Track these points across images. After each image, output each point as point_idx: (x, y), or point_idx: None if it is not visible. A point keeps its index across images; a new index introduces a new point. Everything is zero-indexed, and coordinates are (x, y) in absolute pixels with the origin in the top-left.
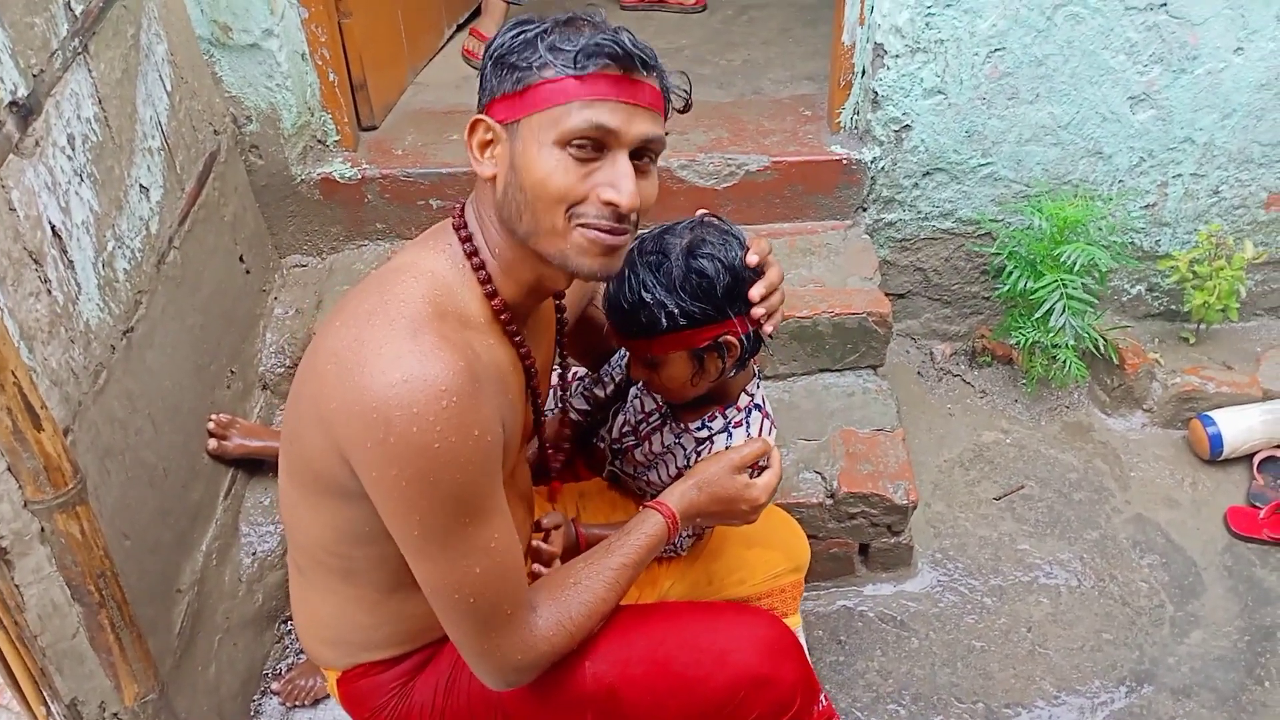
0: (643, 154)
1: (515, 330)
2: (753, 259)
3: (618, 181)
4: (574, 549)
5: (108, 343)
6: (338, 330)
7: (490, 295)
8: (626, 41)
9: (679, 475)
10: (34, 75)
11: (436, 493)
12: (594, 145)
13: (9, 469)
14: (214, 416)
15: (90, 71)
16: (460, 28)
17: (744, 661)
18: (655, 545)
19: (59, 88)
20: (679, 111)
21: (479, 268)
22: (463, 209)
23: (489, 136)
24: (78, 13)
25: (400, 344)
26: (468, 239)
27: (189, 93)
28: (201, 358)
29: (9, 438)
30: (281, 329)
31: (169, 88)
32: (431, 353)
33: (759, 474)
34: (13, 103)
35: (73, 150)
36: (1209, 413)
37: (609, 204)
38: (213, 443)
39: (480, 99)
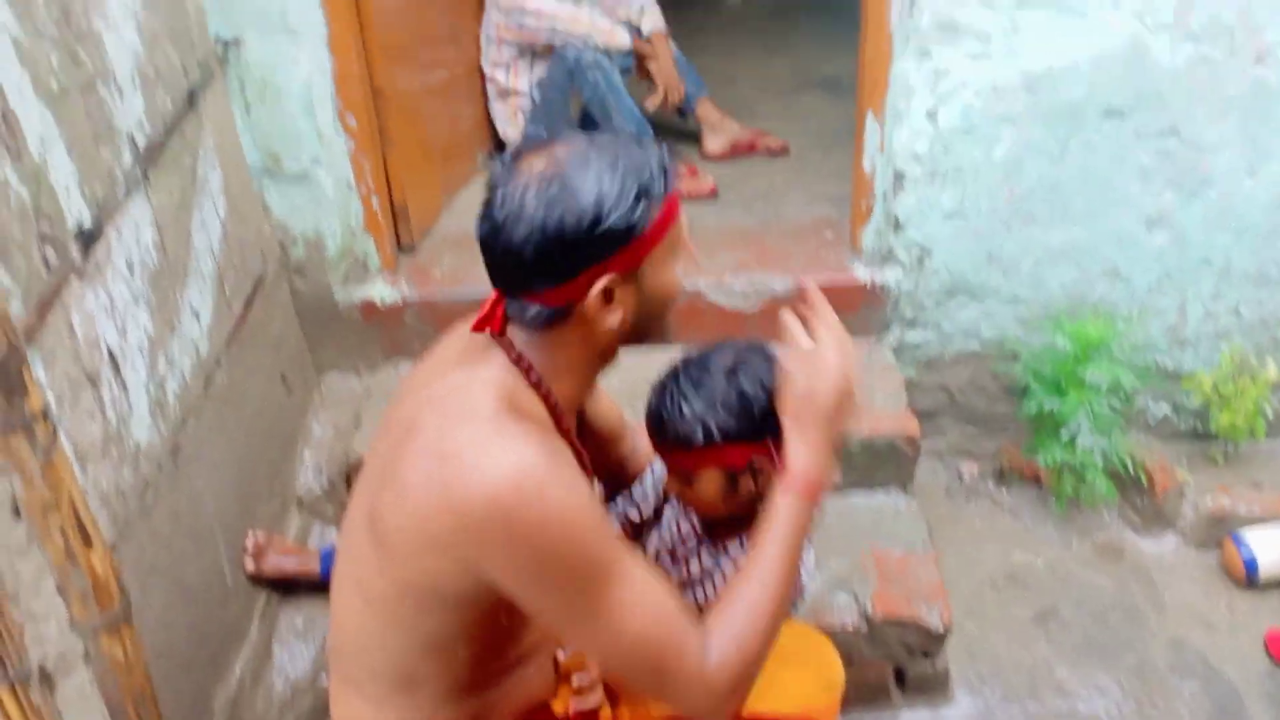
0: None
1: (568, 430)
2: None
3: (694, 250)
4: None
5: (155, 462)
6: (418, 456)
7: (546, 397)
8: (663, 150)
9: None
10: (98, 204)
11: (567, 563)
12: None
13: (58, 589)
14: (252, 536)
15: (150, 200)
16: (491, 156)
17: None
18: (802, 523)
19: (120, 215)
20: None
21: (528, 370)
22: (495, 331)
23: (614, 290)
24: (140, 145)
25: (488, 440)
26: (519, 359)
27: (240, 219)
28: (242, 477)
29: (62, 558)
30: (320, 449)
31: (222, 215)
32: (520, 438)
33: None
34: (78, 230)
35: (131, 275)
36: (1242, 534)
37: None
38: (249, 562)
39: (565, 273)
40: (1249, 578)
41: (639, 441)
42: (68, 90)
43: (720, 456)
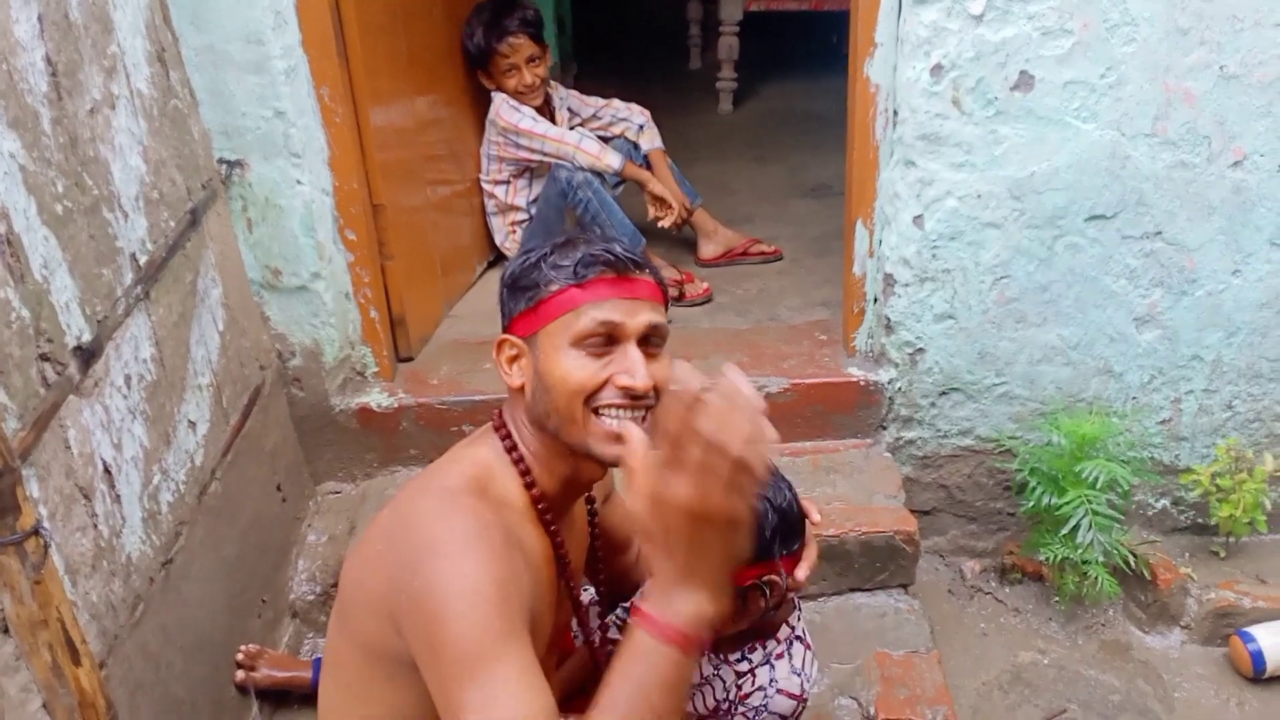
0: (649, 340)
1: (550, 520)
2: (816, 517)
3: (631, 368)
4: None
5: (146, 575)
6: (387, 515)
7: (529, 485)
8: (617, 249)
9: (718, 708)
10: (98, 321)
11: (445, 635)
12: (605, 340)
13: (44, 706)
14: (243, 647)
15: (149, 316)
16: (490, 265)
17: None
18: (662, 665)
19: (120, 332)
20: (672, 301)
21: (518, 460)
22: (501, 413)
23: (514, 352)
24: (142, 263)
25: (438, 506)
26: (507, 436)
27: (239, 332)
28: (235, 587)
29: (48, 675)
30: (314, 556)
31: (221, 328)
32: (463, 511)
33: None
34: (76, 347)
35: (128, 390)
36: (1249, 629)
37: (624, 388)
38: (240, 674)
39: (503, 321)
40: (1256, 671)
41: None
42: (72, 214)
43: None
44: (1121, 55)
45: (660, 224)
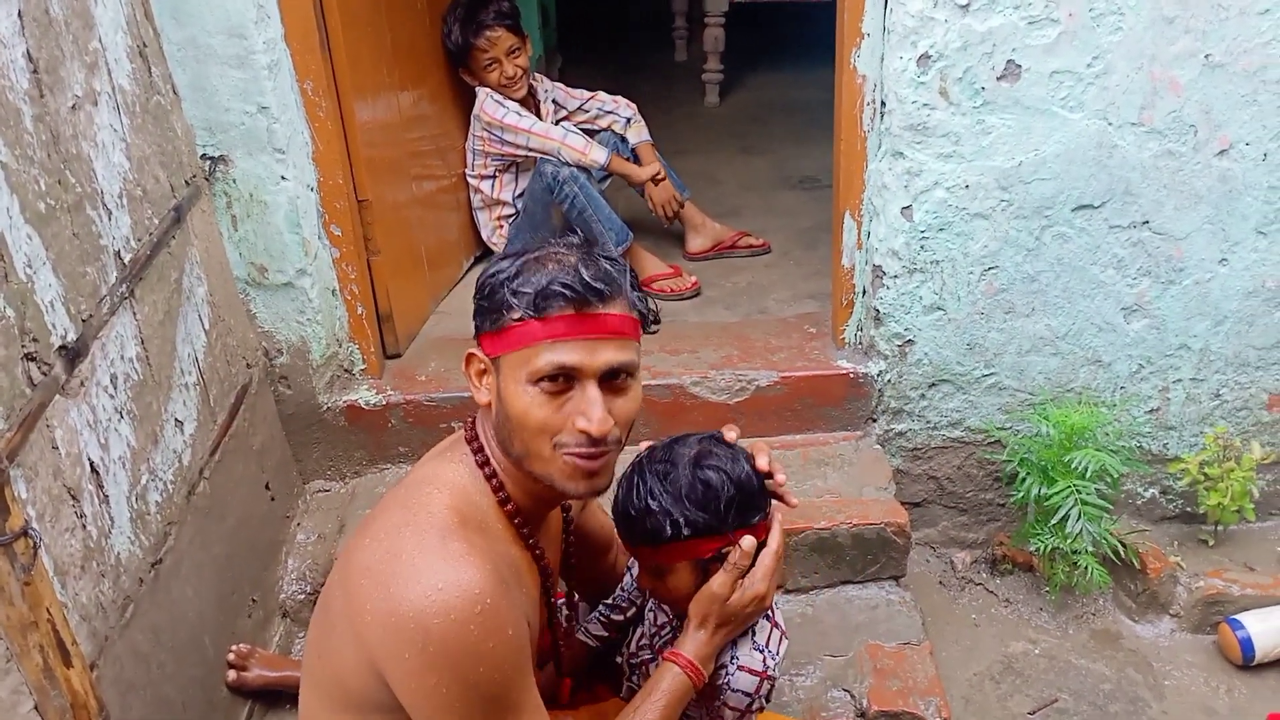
0: (616, 375)
1: (528, 534)
2: (762, 462)
3: (588, 410)
4: None
5: (136, 576)
6: (368, 546)
7: (503, 502)
8: (583, 279)
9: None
10: (83, 320)
11: (476, 694)
12: (564, 378)
13: (36, 708)
14: (234, 647)
15: (135, 314)
16: (478, 260)
17: None
18: (680, 697)
19: (105, 330)
20: (647, 332)
21: (491, 476)
22: (474, 422)
23: (482, 366)
24: (126, 261)
25: (431, 553)
26: (479, 450)
27: (225, 330)
28: (225, 587)
29: (39, 676)
30: (303, 555)
31: (207, 326)
32: (462, 559)
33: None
34: (62, 347)
35: (114, 389)
36: (1238, 616)
37: (581, 432)
38: (232, 674)
39: (475, 330)
40: (1245, 658)
41: (623, 551)
42: (55, 212)
43: (689, 550)
44: (1107, 44)
45: (656, 216)
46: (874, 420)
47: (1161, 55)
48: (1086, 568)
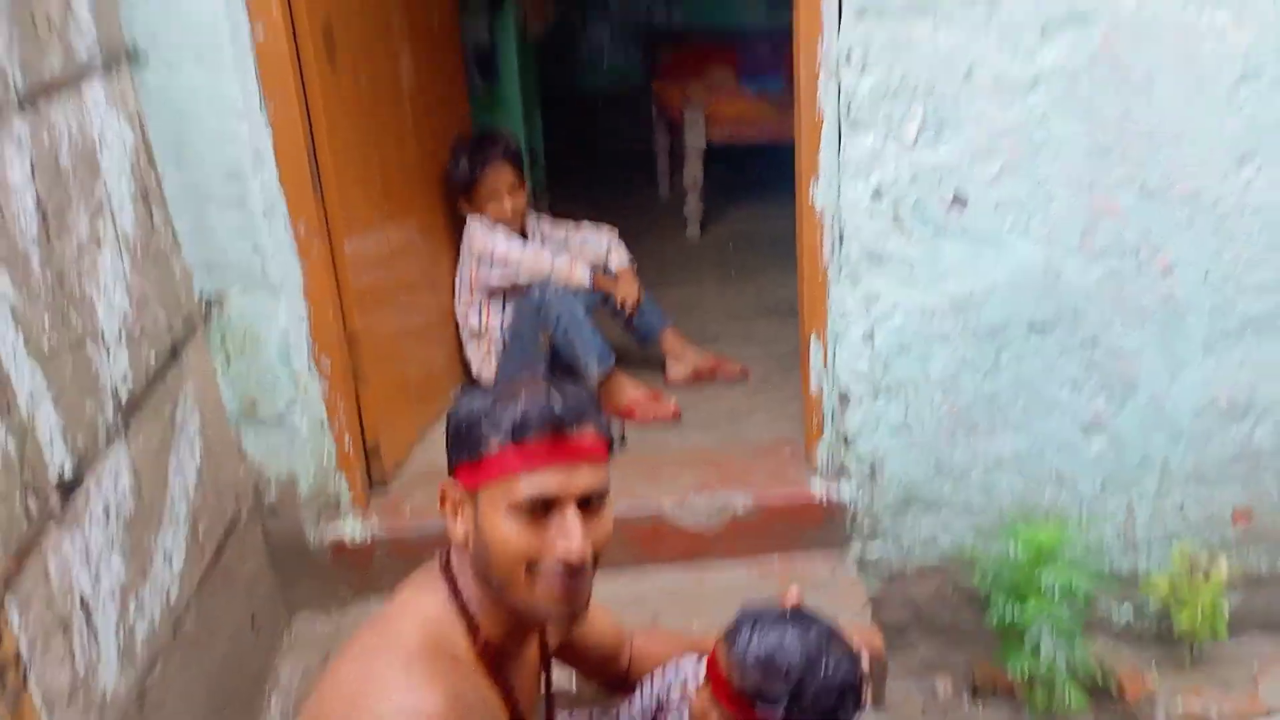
0: (589, 499)
1: (498, 670)
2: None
3: (568, 534)
4: None
5: (121, 710)
6: (344, 668)
7: (475, 637)
8: (556, 406)
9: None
10: (80, 453)
11: None
12: (543, 507)
13: None
14: None
15: (129, 447)
16: (463, 389)
17: None
18: None
19: (100, 463)
20: (611, 455)
21: (463, 610)
22: (448, 551)
23: (458, 498)
24: (123, 397)
25: (395, 677)
26: (453, 582)
27: (216, 464)
28: None
29: None
30: (286, 695)
31: (198, 459)
32: (421, 685)
33: None
34: (60, 478)
35: (107, 521)
36: None
37: (561, 560)
38: None
39: (448, 463)
40: None
41: (635, 646)
42: (58, 349)
43: None
44: (1047, 174)
45: (621, 305)
46: (849, 544)
47: (1100, 183)
48: (1065, 692)
